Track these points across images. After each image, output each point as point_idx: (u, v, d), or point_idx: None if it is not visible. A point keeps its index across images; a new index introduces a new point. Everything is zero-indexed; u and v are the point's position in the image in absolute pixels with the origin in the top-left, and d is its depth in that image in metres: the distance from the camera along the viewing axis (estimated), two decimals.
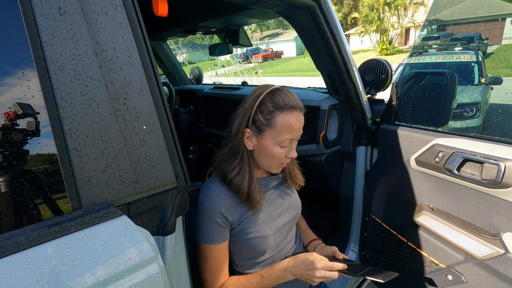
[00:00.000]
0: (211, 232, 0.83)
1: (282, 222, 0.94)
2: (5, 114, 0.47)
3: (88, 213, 0.51)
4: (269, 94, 0.82)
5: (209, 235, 0.83)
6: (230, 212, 0.84)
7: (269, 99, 0.82)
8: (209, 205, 0.83)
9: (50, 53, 0.50)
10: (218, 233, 0.84)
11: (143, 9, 0.67)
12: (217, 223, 0.83)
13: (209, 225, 0.83)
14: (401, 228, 1.29)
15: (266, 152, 0.84)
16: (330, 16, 1.16)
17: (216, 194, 0.84)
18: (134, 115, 0.59)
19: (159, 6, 0.83)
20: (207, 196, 0.85)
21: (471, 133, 2.49)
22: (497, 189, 0.89)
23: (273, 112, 0.81)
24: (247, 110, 0.83)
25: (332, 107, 1.44)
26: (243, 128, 0.84)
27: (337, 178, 1.57)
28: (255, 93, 0.85)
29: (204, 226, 0.84)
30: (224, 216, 0.83)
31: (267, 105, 0.81)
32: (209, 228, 0.83)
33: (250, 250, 0.89)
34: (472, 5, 15.63)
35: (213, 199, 0.84)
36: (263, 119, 0.81)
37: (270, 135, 0.83)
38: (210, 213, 0.83)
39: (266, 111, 0.81)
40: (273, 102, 0.81)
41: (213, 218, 0.83)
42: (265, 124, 0.82)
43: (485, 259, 0.95)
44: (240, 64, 17.30)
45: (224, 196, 0.85)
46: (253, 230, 0.87)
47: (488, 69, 5.32)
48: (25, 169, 0.50)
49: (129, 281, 0.49)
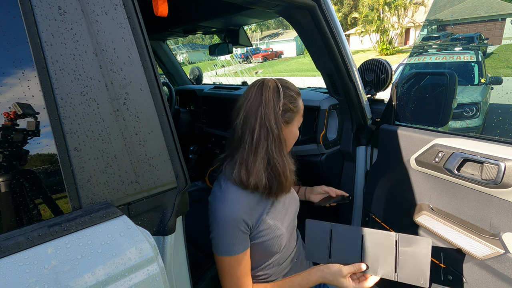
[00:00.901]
0: (235, 242, 0.79)
1: (290, 217, 0.95)
2: (5, 114, 0.47)
3: (88, 213, 0.51)
4: (282, 85, 0.86)
5: (233, 246, 0.79)
6: (250, 217, 0.81)
7: (286, 88, 0.86)
8: (232, 214, 0.79)
9: (50, 53, 0.50)
10: (242, 242, 0.81)
11: (143, 9, 0.66)
12: (241, 231, 0.80)
13: (232, 236, 0.79)
14: (401, 228, 1.29)
15: (293, 135, 0.91)
16: (330, 16, 1.16)
17: (238, 202, 0.80)
18: (134, 115, 0.59)
19: (159, 6, 0.83)
20: (227, 206, 0.80)
21: (471, 133, 2.49)
22: (497, 189, 0.89)
23: (297, 98, 0.88)
24: (271, 106, 0.81)
25: (332, 107, 1.44)
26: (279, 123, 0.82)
27: (337, 178, 1.57)
28: (269, 88, 0.83)
29: (227, 238, 0.79)
30: (246, 223, 0.80)
31: (290, 93, 0.86)
32: (232, 239, 0.79)
33: (262, 253, 0.88)
34: (472, 5, 15.63)
35: (236, 208, 0.79)
36: (293, 107, 0.86)
37: (297, 120, 0.91)
38: (233, 223, 0.78)
39: (292, 99, 0.86)
40: (291, 90, 0.87)
41: (237, 227, 0.79)
42: (295, 111, 0.88)
43: (485, 259, 0.95)
44: (240, 64, 17.30)
45: (244, 201, 0.81)
46: (268, 231, 0.85)
47: (488, 69, 5.32)
48: (25, 169, 0.50)
49: (129, 281, 0.49)
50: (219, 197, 0.82)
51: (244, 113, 0.83)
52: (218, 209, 0.80)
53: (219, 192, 0.83)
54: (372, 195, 1.40)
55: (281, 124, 0.83)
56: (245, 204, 0.81)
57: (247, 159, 0.81)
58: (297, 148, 1.50)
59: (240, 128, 0.83)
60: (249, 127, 0.82)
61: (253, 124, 0.81)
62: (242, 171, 0.81)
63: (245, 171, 0.81)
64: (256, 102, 0.82)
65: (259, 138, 0.81)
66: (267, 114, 0.80)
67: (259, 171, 0.80)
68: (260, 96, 0.82)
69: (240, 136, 0.83)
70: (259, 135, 0.80)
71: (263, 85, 0.84)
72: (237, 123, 0.84)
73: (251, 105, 0.82)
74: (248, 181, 0.80)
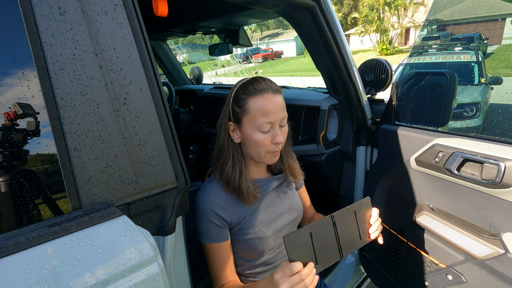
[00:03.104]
0: (209, 231, 0.85)
1: (282, 224, 0.94)
2: (5, 114, 0.47)
3: (88, 213, 0.51)
4: (241, 86, 0.86)
5: (207, 234, 0.85)
6: (227, 212, 0.85)
7: (241, 89, 0.85)
8: (204, 205, 0.85)
9: (50, 53, 0.50)
10: (216, 232, 0.85)
11: (143, 9, 0.67)
12: (213, 223, 0.84)
13: (206, 224, 0.85)
14: (401, 228, 1.29)
15: (250, 140, 0.85)
16: (330, 16, 1.16)
17: (212, 194, 0.86)
18: (134, 115, 0.59)
19: (159, 6, 0.83)
20: (203, 196, 0.86)
21: (471, 133, 2.49)
22: (497, 189, 0.89)
23: (245, 99, 0.83)
24: (226, 104, 0.88)
25: (332, 107, 1.44)
26: (225, 122, 0.87)
27: (337, 178, 1.57)
28: (234, 87, 0.88)
29: (202, 225, 0.86)
30: (220, 216, 0.84)
31: (239, 95, 0.85)
32: (206, 227, 0.85)
33: (248, 251, 0.90)
34: (472, 5, 15.62)
35: (208, 199, 0.85)
36: (238, 108, 0.85)
37: (247, 122, 0.84)
38: (205, 212, 0.84)
39: (239, 100, 0.85)
40: (243, 90, 0.85)
41: (209, 217, 0.84)
42: (240, 112, 0.84)
43: (485, 259, 0.95)
44: (240, 64, 17.30)
45: (220, 196, 0.86)
46: (251, 231, 0.87)
47: (488, 69, 5.31)
48: (25, 169, 0.50)
49: (129, 281, 0.49)
50: (202, 187, 0.90)
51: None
52: (197, 197, 0.88)
53: (204, 183, 0.91)
54: (372, 195, 1.40)
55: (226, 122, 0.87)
56: (221, 199, 0.86)
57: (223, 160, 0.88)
58: (297, 148, 1.50)
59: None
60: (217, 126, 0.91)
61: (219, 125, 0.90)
62: (222, 169, 0.87)
63: (220, 170, 0.88)
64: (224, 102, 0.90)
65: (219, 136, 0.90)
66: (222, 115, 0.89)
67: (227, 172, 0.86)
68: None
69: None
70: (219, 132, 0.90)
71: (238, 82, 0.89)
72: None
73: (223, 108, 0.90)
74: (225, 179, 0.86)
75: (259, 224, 0.88)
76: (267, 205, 0.92)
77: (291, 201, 0.99)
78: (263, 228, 0.89)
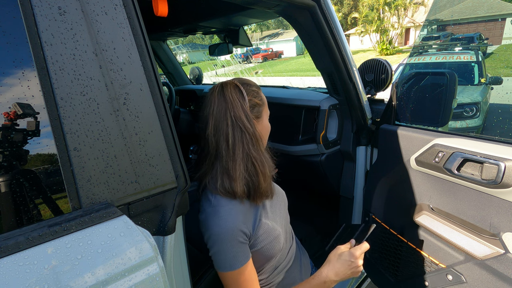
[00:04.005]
0: (237, 255, 0.76)
1: (281, 214, 0.94)
2: (5, 114, 0.47)
3: (88, 213, 0.51)
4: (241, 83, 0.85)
5: (235, 259, 0.76)
6: (246, 225, 0.79)
7: (246, 85, 0.85)
8: (229, 228, 0.76)
9: (50, 53, 0.50)
10: (243, 253, 0.78)
11: (143, 9, 0.67)
12: (240, 243, 0.77)
13: (233, 249, 0.76)
14: (401, 228, 1.29)
15: (267, 129, 0.89)
16: (330, 16, 1.16)
17: (231, 214, 0.78)
18: (134, 115, 0.59)
19: (159, 6, 0.83)
20: (222, 220, 0.76)
21: (471, 133, 2.49)
22: (497, 189, 0.89)
23: (259, 92, 0.87)
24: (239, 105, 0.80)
25: (332, 107, 1.44)
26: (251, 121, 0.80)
27: (337, 178, 1.57)
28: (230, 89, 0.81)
29: (227, 253, 0.76)
30: (244, 232, 0.78)
31: (251, 88, 0.84)
32: (233, 252, 0.76)
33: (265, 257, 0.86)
34: (472, 5, 15.62)
35: (231, 220, 0.77)
36: (258, 100, 0.85)
37: (265, 112, 0.88)
38: (231, 236, 0.76)
39: (255, 94, 0.85)
40: (251, 85, 0.86)
41: (236, 239, 0.76)
42: (261, 104, 0.86)
43: (485, 259, 0.95)
44: (240, 64, 17.29)
45: (237, 210, 0.78)
46: (266, 235, 0.84)
47: (488, 69, 5.31)
48: (25, 169, 0.50)
49: (129, 281, 0.49)
50: (211, 213, 0.79)
51: (213, 121, 0.79)
52: (213, 225, 0.77)
53: (210, 208, 0.80)
54: (372, 195, 1.40)
55: (253, 121, 0.82)
56: (239, 213, 0.78)
57: (227, 167, 0.79)
58: (297, 148, 1.50)
59: (213, 137, 0.80)
60: (222, 133, 0.79)
61: (225, 129, 0.78)
62: (225, 180, 0.79)
63: (228, 179, 0.78)
64: (222, 107, 0.79)
65: (234, 141, 0.78)
66: (237, 115, 0.78)
67: (241, 175, 0.78)
68: (224, 100, 0.79)
69: (215, 145, 0.80)
70: (233, 138, 0.78)
71: (222, 88, 0.81)
72: (208, 133, 0.80)
73: (218, 111, 0.79)
74: (233, 189, 0.78)
75: (271, 222, 0.86)
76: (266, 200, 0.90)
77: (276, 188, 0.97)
78: (274, 225, 0.87)
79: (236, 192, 0.78)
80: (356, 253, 0.83)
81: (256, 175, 0.80)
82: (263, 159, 0.82)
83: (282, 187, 1.02)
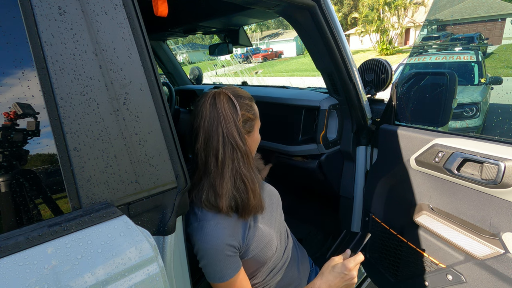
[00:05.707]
0: (225, 267, 0.76)
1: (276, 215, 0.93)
2: (5, 114, 0.47)
3: (88, 213, 0.51)
4: (234, 95, 0.81)
5: (223, 272, 0.76)
6: (235, 238, 0.78)
7: (239, 97, 0.82)
8: (215, 243, 0.75)
9: (50, 53, 0.50)
10: (233, 264, 0.77)
11: (143, 9, 0.67)
12: (228, 256, 0.76)
13: (220, 263, 0.76)
14: (401, 228, 1.29)
15: (256, 142, 0.87)
16: (330, 16, 1.16)
17: (217, 229, 0.76)
18: (134, 115, 0.59)
19: (159, 6, 0.83)
20: (208, 236, 0.76)
21: (471, 133, 2.49)
22: (497, 189, 0.89)
23: (252, 105, 0.85)
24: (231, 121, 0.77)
25: (332, 107, 1.44)
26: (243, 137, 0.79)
27: (337, 178, 1.57)
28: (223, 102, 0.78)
29: (215, 266, 0.76)
30: (232, 245, 0.77)
31: (244, 102, 0.82)
32: (221, 265, 0.76)
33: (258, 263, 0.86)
34: (472, 5, 15.63)
35: (217, 235, 0.76)
36: (251, 115, 0.83)
37: (257, 125, 0.87)
38: (218, 251, 0.75)
39: (248, 108, 0.83)
40: (245, 98, 0.83)
41: (224, 253, 0.75)
42: (254, 118, 0.85)
43: (485, 259, 0.95)
44: (240, 64, 17.28)
45: (223, 225, 0.77)
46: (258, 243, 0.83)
47: (488, 69, 5.32)
48: (25, 169, 0.50)
49: (129, 281, 0.49)
50: (197, 228, 0.78)
51: (203, 135, 0.77)
52: (200, 241, 0.76)
53: (196, 223, 0.78)
54: (372, 195, 1.40)
55: (245, 137, 0.79)
56: (225, 227, 0.77)
57: (214, 183, 0.77)
58: (297, 148, 1.50)
59: (202, 152, 0.78)
60: (212, 149, 0.77)
61: (216, 145, 0.76)
62: (210, 194, 0.77)
63: (213, 193, 0.77)
64: (213, 121, 0.76)
65: (224, 158, 0.76)
66: (229, 132, 0.76)
67: (227, 192, 0.76)
68: (216, 113, 0.77)
69: (204, 160, 0.78)
70: (224, 155, 0.76)
71: (215, 100, 0.78)
72: (198, 147, 0.78)
73: (209, 125, 0.77)
74: (218, 204, 0.76)
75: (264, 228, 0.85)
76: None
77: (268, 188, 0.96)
78: (267, 229, 0.86)
79: (221, 208, 0.76)
80: (350, 265, 0.81)
81: (246, 192, 0.78)
82: (253, 176, 0.80)
83: (282, 187, 1.02)
